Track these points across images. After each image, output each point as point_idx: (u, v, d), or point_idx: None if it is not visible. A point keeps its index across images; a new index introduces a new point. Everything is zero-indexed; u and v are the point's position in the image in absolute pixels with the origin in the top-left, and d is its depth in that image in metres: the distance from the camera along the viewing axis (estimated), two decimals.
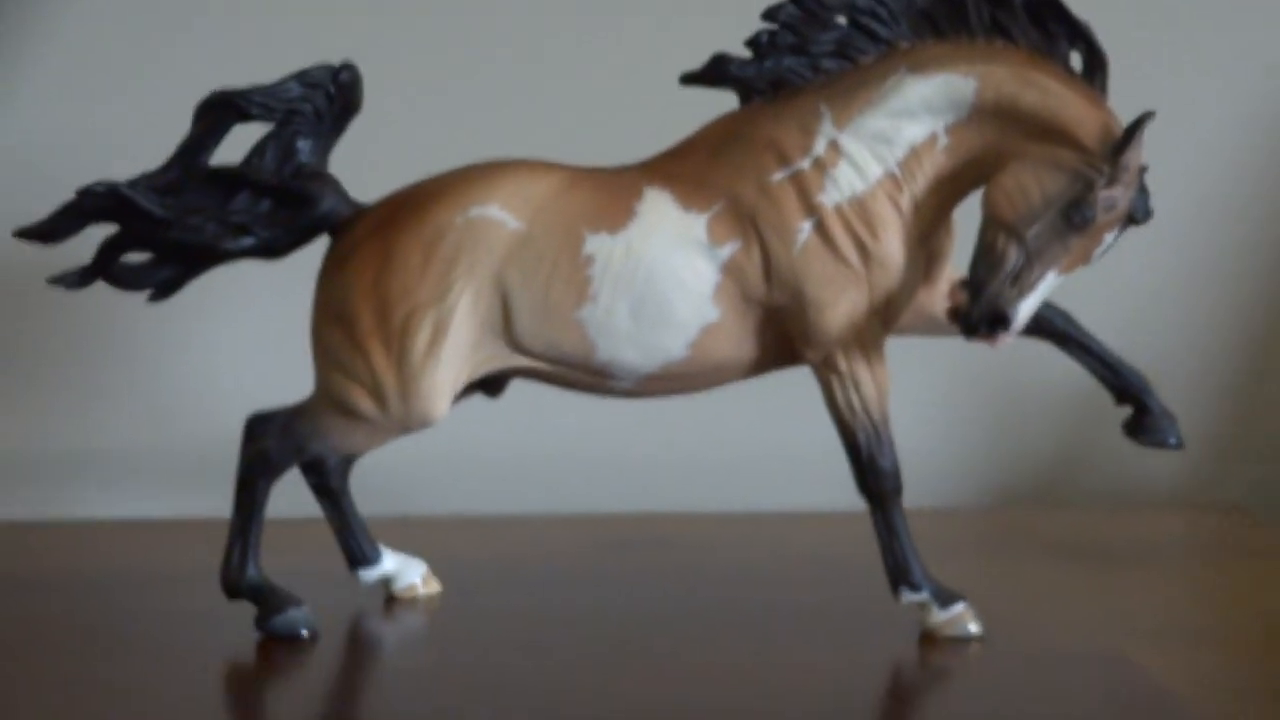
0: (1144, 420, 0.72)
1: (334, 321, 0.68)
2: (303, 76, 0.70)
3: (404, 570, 0.77)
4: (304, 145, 0.70)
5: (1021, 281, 0.65)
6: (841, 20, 0.68)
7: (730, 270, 0.67)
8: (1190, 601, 0.79)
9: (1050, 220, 0.64)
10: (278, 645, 0.69)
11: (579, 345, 0.68)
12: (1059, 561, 0.85)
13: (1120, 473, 1.04)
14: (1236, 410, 1.07)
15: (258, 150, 0.70)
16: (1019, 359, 0.87)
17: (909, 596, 0.69)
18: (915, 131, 0.67)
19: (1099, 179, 0.64)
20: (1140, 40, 1.00)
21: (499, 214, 0.68)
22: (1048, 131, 0.65)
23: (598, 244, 0.67)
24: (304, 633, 0.70)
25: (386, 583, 0.76)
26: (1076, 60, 0.66)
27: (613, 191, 0.68)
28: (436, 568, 0.78)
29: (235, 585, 0.70)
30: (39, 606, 0.76)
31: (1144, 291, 1.05)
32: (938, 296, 0.70)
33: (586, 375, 0.69)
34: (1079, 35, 0.66)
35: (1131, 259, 1.00)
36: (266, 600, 0.70)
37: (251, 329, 0.98)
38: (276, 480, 0.70)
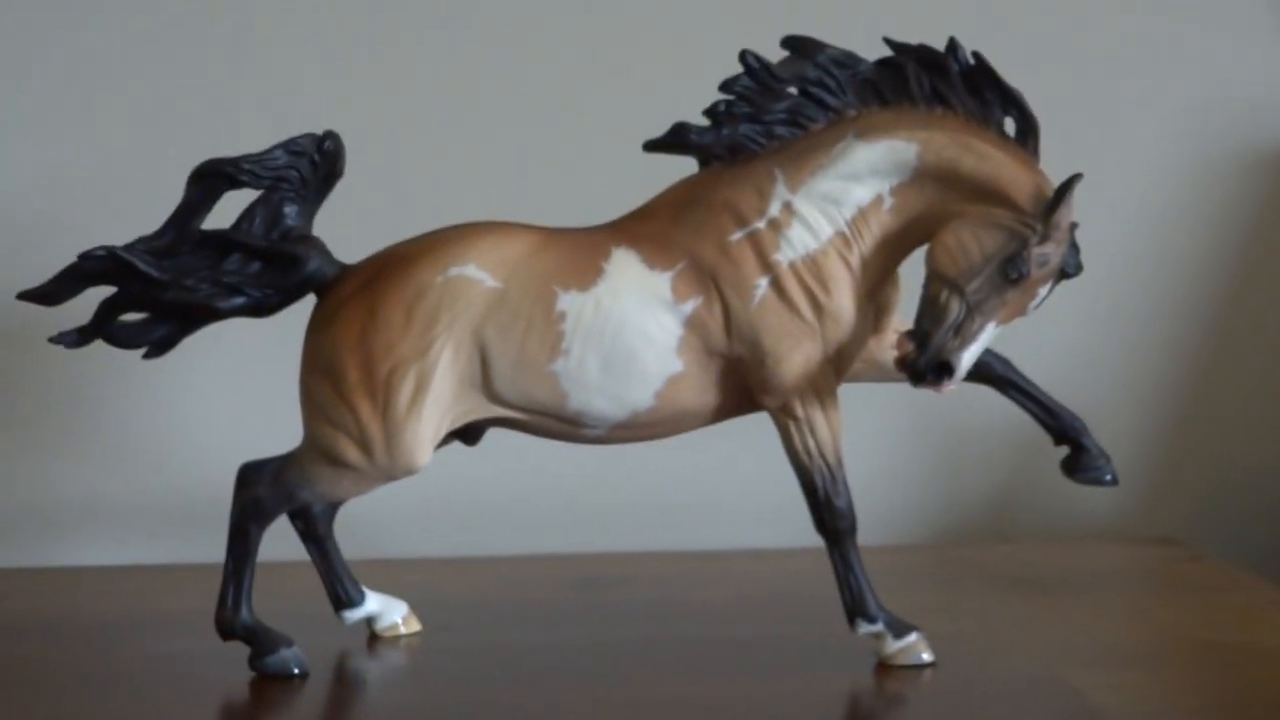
0: (1080, 459, 0.77)
1: (321, 375, 0.72)
2: (289, 145, 0.74)
3: (386, 610, 0.81)
4: (290, 210, 0.75)
5: (963, 332, 0.70)
6: (793, 91, 0.73)
7: (693, 325, 0.71)
8: (1127, 629, 0.84)
9: (989, 275, 0.70)
10: (270, 684, 0.73)
11: (552, 396, 0.72)
12: (1004, 593, 0.89)
13: (1062, 508, 1.09)
14: (1171, 447, 1.13)
15: (247, 215, 0.74)
16: (963, 404, 0.92)
17: (865, 628, 0.73)
18: (862, 193, 0.72)
19: (1033, 237, 0.69)
20: (1068, 99, 1.06)
21: (476, 273, 0.72)
22: (985, 193, 0.70)
23: (569, 301, 0.72)
24: (296, 671, 0.73)
25: (370, 622, 0.80)
26: (1011, 126, 0.72)
27: (582, 251, 0.73)
28: (417, 607, 0.82)
29: (229, 627, 0.73)
30: (35, 650, 0.79)
31: (1081, 335, 1.11)
32: (886, 346, 0.75)
33: (559, 424, 0.73)
34: (1012, 102, 0.71)
35: (1068, 305, 1.06)
36: (259, 641, 0.74)
37: (242, 381, 1.02)
38: (268, 526, 0.74)
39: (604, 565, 0.96)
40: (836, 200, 0.72)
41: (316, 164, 0.75)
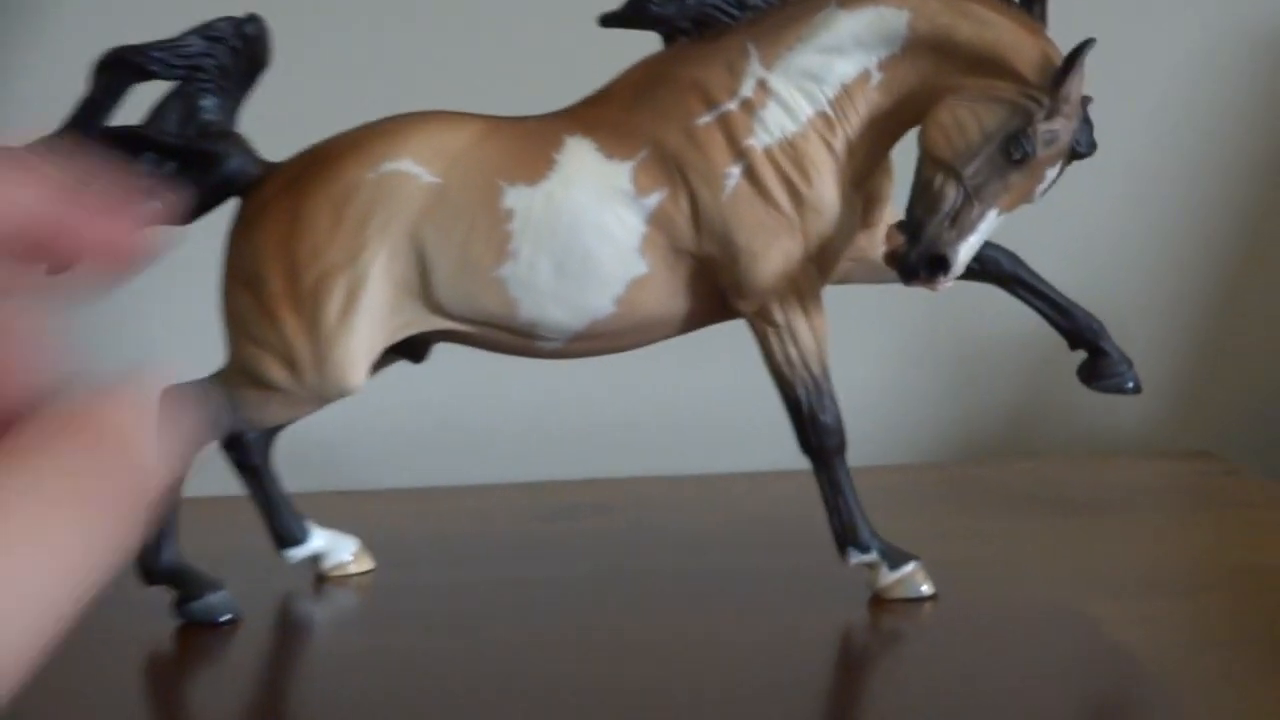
0: (1099, 365, 0.68)
1: (243, 286, 0.65)
2: (205, 29, 0.66)
3: (334, 548, 0.73)
4: (209, 103, 0.67)
5: (961, 221, 0.61)
6: None
7: (657, 220, 0.63)
8: (1155, 553, 0.76)
9: (989, 156, 0.61)
10: (199, 632, 0.66)
11: (501, 304, 0.64)
12: (1020, 515, 0.82)
13: (1086, 421, 1.01)
14: (1204, 354, 1.05)
15: (159, 109, 0.66)
16: (975, 306, 0.85)
17: (857, 557, 0.65)
18: (847, 68, 0.63)
19: (1039, 111, 0.61)
20: None
21: (412, 168, 0.64)
22: (984, 63, 0.61)
23: (517, 197, 0.64)
24: (223, 618, 0.66)
25: (315, 561, 0.73)
26: None
27: (532, 141, 0.65)
28: (371, 543, 0.74)
29: (151, 569, 0.66)
30: None
31: (1103, 228, 1.03)
32: (877, 241, 0.66)
33: (511, 336, 0.66)
34: None
35: (1087, 194, 0.98)
36: (184, 584, 0.67)
37: (164, 298, 0.95)
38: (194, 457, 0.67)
39: (577, 493, 0.88)
40: (817, 76, 0.63)
41: (238, 51, 0.66)
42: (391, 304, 0.64)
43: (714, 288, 0.64)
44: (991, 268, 0.67)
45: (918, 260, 0.61)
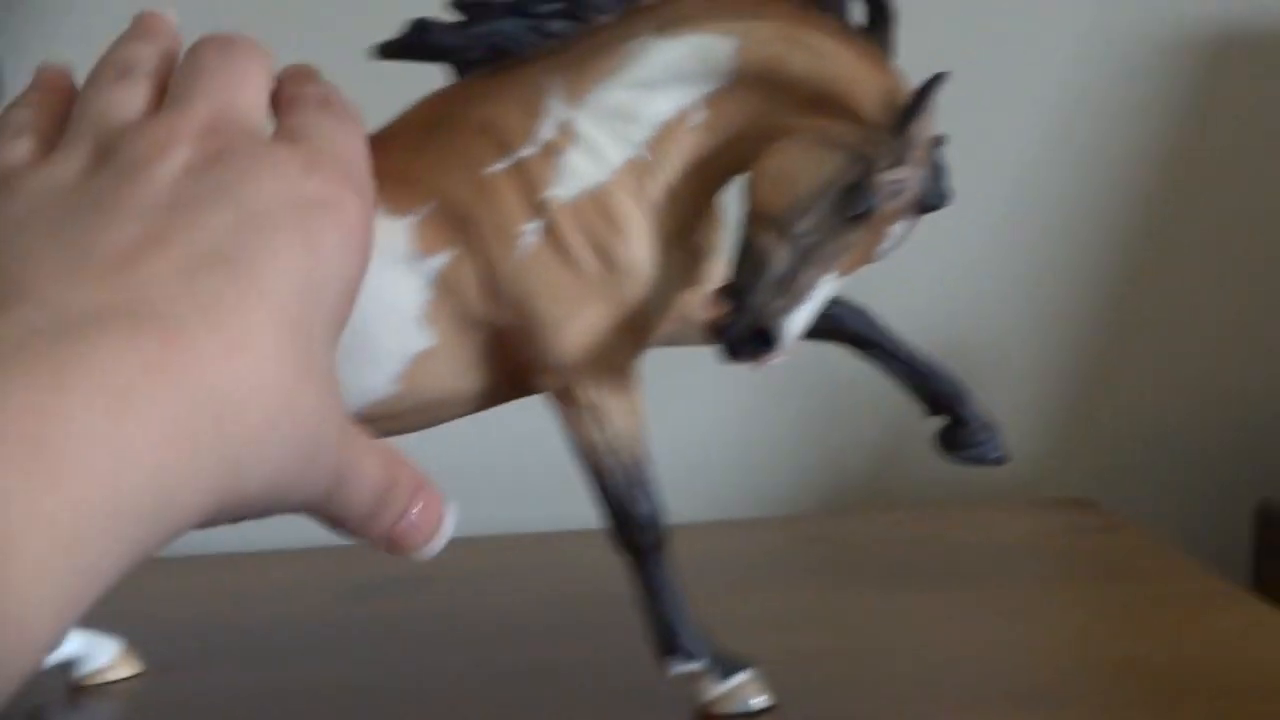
0: (960, 434, 0.60)
1: None
2: None
3: (91, 652, 0.64)
4: None
5: (791, 288, 0.52)
6: None
7: (443, 285, 0.54)
8: (1018, 646, 0.67)
9: (824, 211, 0.52)
10: None
11: None
12: (873, 591, 0.73)
13: (955, 468, 0.93)
14: (1079, 401, 0.98)
15: None
16: (834, 351, 0.77)
17: (679, 667, 0.57)
18: (664, 106, 0.54)
19: (880, 158, 0.52)
20: None
21: None
22: (820, 101, 0.53)
23: None
24: None
25: (68, 669, 0.63)
26: (860, 13, 0.54)
27: None
28: (136, 640, 0.65)
29: None
30: None
31: (981, 257, 0.95)
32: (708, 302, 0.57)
33: None
34: None
35: (959, 225, 0.90)
36: None
37: None
38: None
39: (388, 564, 0.79)
40: (630, 116, 0.54)
41: None
42: None
43: (513, 361, 0.55)
44: (836, 326, 0.58)
45: (739, 334, 0.52)
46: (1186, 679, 0.60)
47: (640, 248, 0.54)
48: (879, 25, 0.54)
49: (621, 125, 0.54)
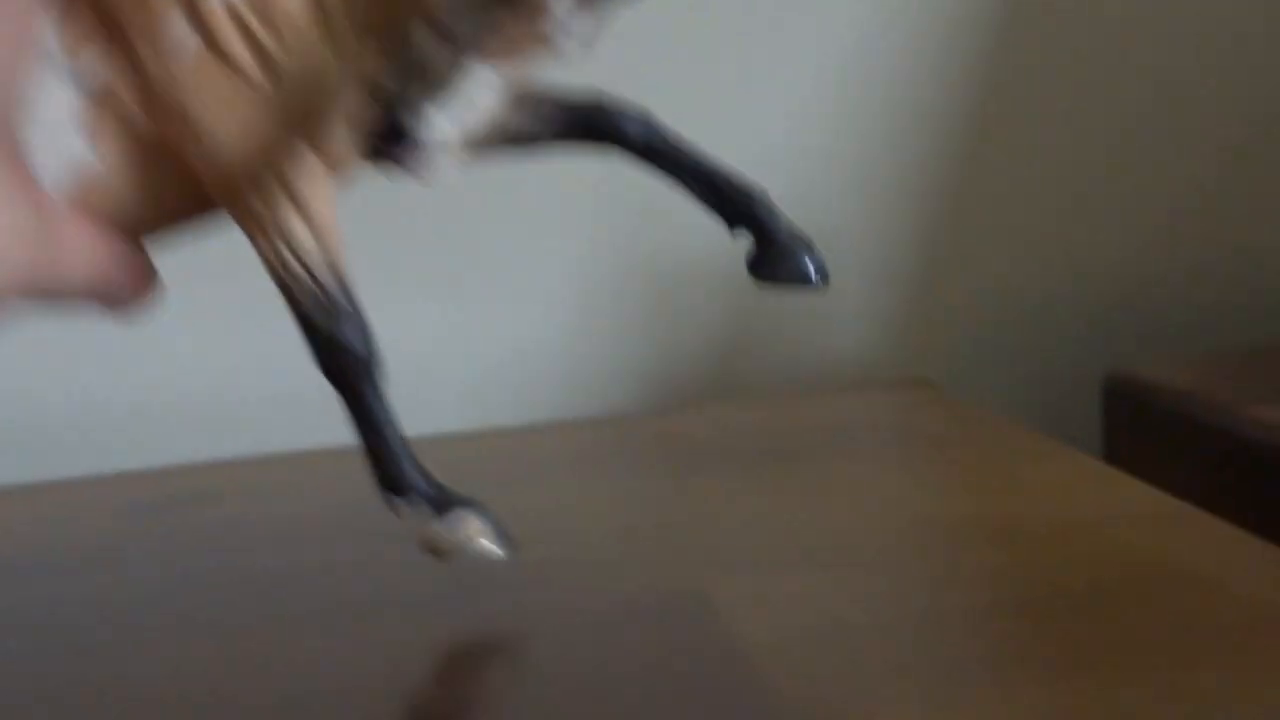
0: (769, 253, 0.53)
1: None
2: None
3: None
4: None
5: (430, 76, 0.45)
6: None
7: (99, 94, 0.47)
8: (835, 507, 0.63)
9: None
10: None
11: None
12: (692, 473, 0.70)
13: (795, 354, 0.90)
14: (926, 276, 0.94)
15: None
16: (667, 231, 0.73)
17: (401, 503, 0.51)
18: None
19: None
20: None
21: None
22: None
23: None
24: None
25: None
26: None
27: None
28: None
29: None
30: None
31: (814, 137, 0.91)
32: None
33: None
34: None
35: (795, 97, 0.87)
36: None
37: None
38: None
39: (174, 482, 0.74)
40: None
41: None
42: None
43: (194, 178, 0.49)
44: (612, 132, 0.52)
45: (376, 128, 0.45)
46: (1008, 528, 0.57)
47: (305, 45, 0.47)
48: None
49: None
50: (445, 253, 0.85)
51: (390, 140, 0.44)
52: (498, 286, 0.87)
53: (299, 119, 0.48)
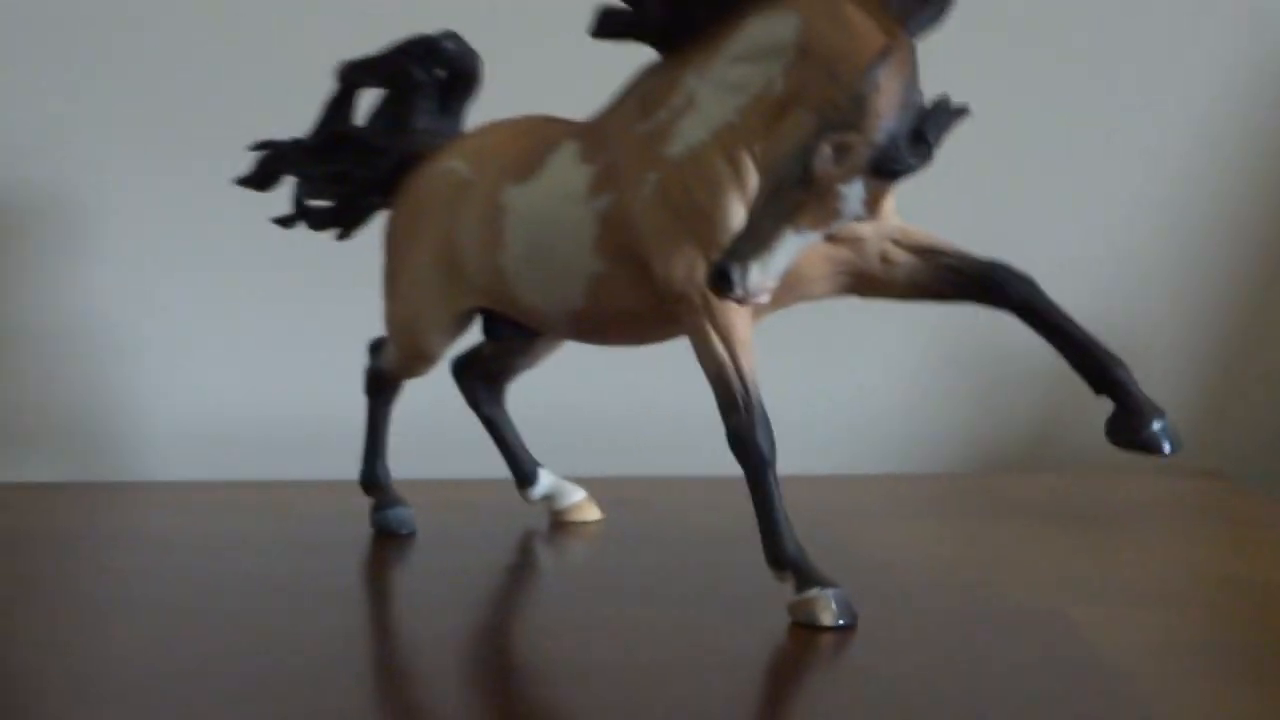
0: (1126, 420, 0.60)
1: (385, 254, 0.78)
2: (402, 45, 0.77)
3: (561, 491, 0.83)
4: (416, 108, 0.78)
5: (756, 236, 0.56)
6: None
7: (606, 221, 0.66)
8: (1146, 565, 0.76)
9: (787, 169, 0.56)
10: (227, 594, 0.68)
11: (504, 288, 0.70)
12: (1021, 524, 0.84)
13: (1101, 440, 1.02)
14: (1230, 371, 1.05)
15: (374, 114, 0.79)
16: (1001, 322, 0.86)
17: (777, 575, 0.63)
18: (755, 76, 0.60)
19: (835, 123, 0.55)
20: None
21: (457, 165, 0.73)
22: (835, 71, 0.56)
23: (510, 194, 0.69)
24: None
25: (548, 500, 0.83)
26: None
27: (541, 142, 0.69)
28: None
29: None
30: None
31: (1126, 241, 1.04)
32: (816, 257, 0.62)
33: (526, 317, 0.72)
34: None
35: (1110, 203, 0.99)
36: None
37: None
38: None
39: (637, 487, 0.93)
40: (738, 86, 0.61)
41: (433, 64, 0.77)
42: (441, 282, 0.73)
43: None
44: (1000, 292, 0.61)
45: (709, 272, 0.57)
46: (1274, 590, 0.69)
47: (724, 201, 0.61)
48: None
49: (728, 95, 0.61)
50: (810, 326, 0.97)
51: (717, 283, 0.57)
52: (851, 351, 1.02)
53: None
